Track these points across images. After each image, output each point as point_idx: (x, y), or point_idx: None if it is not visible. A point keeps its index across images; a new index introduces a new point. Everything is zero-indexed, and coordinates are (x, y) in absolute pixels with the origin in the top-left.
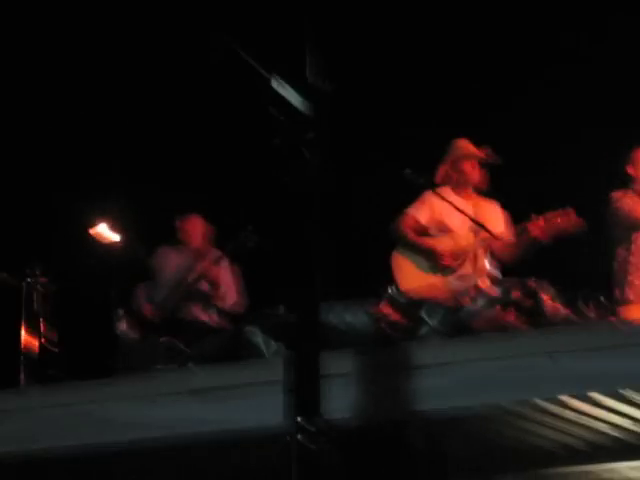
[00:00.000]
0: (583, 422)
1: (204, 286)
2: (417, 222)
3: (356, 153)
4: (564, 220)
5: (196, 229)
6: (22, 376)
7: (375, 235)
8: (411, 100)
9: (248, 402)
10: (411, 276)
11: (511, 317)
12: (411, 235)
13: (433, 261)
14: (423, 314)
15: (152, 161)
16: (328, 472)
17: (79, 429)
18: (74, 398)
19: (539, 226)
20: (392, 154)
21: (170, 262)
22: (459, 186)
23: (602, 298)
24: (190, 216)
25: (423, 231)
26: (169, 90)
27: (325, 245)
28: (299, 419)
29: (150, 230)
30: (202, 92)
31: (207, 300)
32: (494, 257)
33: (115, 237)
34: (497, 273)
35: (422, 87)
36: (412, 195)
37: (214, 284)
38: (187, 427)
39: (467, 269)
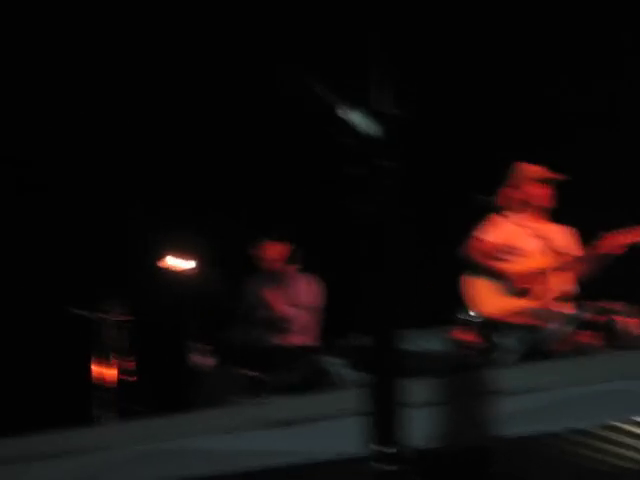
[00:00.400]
0: None
1: (279, 311)
2: (486, 245)
3: (421, 176)
4: (633, 236)
5: (272, 254)
6: (95, 411)
7: (442, 258)
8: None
9: (327, 432)
10: (483, 300)
11: (588, 339)
12: (481, 258)
13: (505, 284)
14: (499, 338)
15: (223, 190)
16: None
17: (157, 464)
18: (152, 432)
19: (608, 244)
20: (458, 176)
21: (249, 292)
22: (525, 209)
23: None
24: (264, 242)
25: (492, 254)
26: (242, 121)
27: (400, 271)
28: (379, 448)
29: (224, 259)
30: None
31: (282, 325)
32: (565, 277)
33: (187, 267)
34: (569, 294)
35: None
36: (480, 218)
37: (287, 307)
38: (266, 459)
39: (539, 291)
